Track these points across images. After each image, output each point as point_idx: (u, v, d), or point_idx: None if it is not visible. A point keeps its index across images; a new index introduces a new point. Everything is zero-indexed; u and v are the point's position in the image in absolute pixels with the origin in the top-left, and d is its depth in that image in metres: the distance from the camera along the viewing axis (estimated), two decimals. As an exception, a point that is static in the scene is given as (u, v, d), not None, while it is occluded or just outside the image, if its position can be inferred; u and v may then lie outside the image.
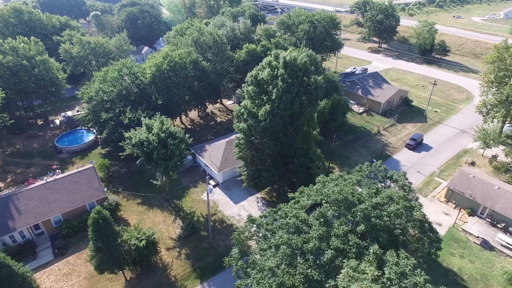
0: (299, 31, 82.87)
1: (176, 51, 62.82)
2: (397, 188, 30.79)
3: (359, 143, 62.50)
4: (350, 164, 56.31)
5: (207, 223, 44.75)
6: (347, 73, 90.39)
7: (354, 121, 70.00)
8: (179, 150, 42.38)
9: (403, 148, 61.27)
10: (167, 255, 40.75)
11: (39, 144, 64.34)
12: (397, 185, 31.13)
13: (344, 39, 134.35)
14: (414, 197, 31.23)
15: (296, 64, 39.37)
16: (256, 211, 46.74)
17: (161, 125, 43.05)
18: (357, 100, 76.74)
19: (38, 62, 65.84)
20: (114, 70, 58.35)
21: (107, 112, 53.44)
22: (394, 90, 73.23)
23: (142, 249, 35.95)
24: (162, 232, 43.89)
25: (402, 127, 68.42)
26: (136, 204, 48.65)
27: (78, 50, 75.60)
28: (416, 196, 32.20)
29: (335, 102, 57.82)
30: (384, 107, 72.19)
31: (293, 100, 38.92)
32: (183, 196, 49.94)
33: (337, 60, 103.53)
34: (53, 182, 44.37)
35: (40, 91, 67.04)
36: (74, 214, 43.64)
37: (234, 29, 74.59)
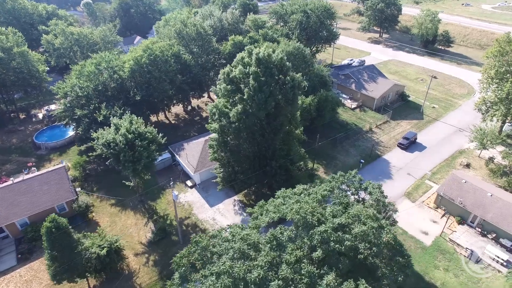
0: (291, 21, 78.86)
1: (157, 43, 59.81)
2: (371, 202, 28.05)
3: (348, 141, 59.45)
4: (337, 165, 53.52)
5: (178, 228, 42.73)
6: (342, 66, 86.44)
7: (346, 117, 66.73)
8: (148, 152, 40.03)
9: (395, 147, 58.09)
10: (135, 261, 38.92)
11: (19, 140, 62.59)
12: (371, 198, 28.39)
13: (344, 28, 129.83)
14: (388, 214, 28.47)
15: (271, 61, 36.29)
16: (232, 215, 44.52)
17: (130, 125, 40.60)
18: (350, 94, 73.21)
19: (16, 54, 63.50)
20: (91, 63, 55.74)
21: (81, 109, 51.10)
22: (389, 84, 69.50)
23: (103, 257, 34.12)
24: (133, 236, 42.01)
25: (396, 125, 64.99)
26: (110, 205, 46.75)
27: (61, 41, 72.91)
28: (390, 213, 29.39)
29: (322, 98, 54.60)
30: (378, 103, 68.66)
31: (267, 100, 36.01)
32: (158, 197, 47.89)
33: (334, 51, 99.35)
34: (19, 183, 42.51)
35: (19, 84, 64.97)
36: (42, 217, 41.56)
37: (222, 19, 71.03)
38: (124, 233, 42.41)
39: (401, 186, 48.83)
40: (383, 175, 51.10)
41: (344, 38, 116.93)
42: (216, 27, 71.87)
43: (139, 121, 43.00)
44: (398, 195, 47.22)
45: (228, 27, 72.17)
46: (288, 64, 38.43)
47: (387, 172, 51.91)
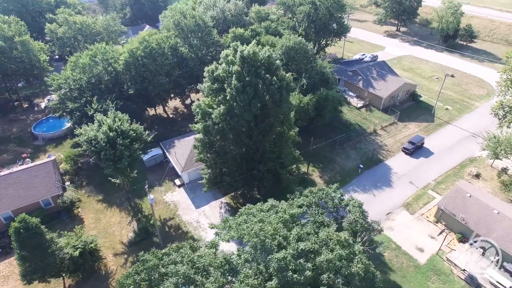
0: (299, 13, 74.96)
1: (154, 35, 58.00)
2: (347, 223, 25.41)
3: (350, 143, 56.24)
4: (334, 169, 50.71)
5: (161, 228, 41.63)
6: (352, 61, 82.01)
7: (350, 117, 63.24)
8: (130, 151, 38.67)
9: (399, 152, 54.45)
10: (113, 262, 38.18)
11: (19, 129, 63.09)
12: (348, 219, 25.73)
13: (360, 20, 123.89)
14: (366, 238, 25.75)
15: (257, 59, 33.71)
16: (217, 218, 42.91)
17: (113, 122, 39.29)
18: (357, 92, 69.36)
19: (17, 43, 63.44)
20: (87, 55, 54.72)
21: (73, 102, 50.37)
22: (399, 83, 65.12)
23: (76, 258, 33.40)
24: (114, 235, 41.26)
25: (403, 127, 60.98)
26: (97, 201, 46.20)
27: (64, 30, 72.38)
28: (370, 237, 26.56)
29: (321, 97, 51.45)
30: (386, 102, 64.61)
31: (251, 101, 33.61)
32: (145, 194, 46.76)
33: (345, 45, 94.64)
34: (6, 176, 42.41)
35: (20, 74, 65.13)
36: (26, 211, 41.29)
37: (225, 10, 68.26)
38: (107, 231, 41.75)
39: (400, 196, 45.63)
40: (382, 182, 47.95)
41: (359, 31, 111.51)
42: (218, 19, 69.28)
43: (124, 118, 41.65)
44: (396, 205, 44.15)
45: (231, 18, 69.38)
46: (277, 63, 35.73)
47: (387, 179, 48.67)
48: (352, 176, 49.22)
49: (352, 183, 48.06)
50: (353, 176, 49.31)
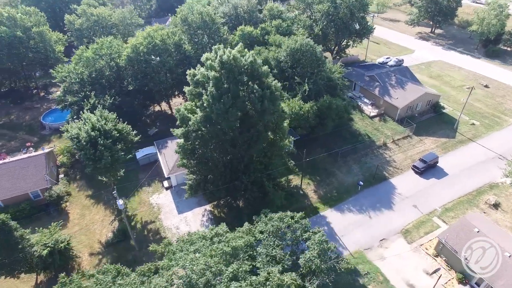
0: (316, 11, 70.54)
1: (159, 31, 56.96)
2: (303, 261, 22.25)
3: (354, 156, 52.04)
4: (331, 184, 47.11)
5: (140, 231, 40.81)
6: (372, 65, 76.21)
7: (360, 126, 58.64)
8: (111, 152, 37.87)
9: (409, 170, 49.49)
10: (87, 262, 37.95)
11: (31, 117, 65.31)
12: (304, 257, 22.55)
13: (392, 20, 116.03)
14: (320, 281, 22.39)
15: (238, 65, 31.14)
16: (198, 226, 41.31)
17: (97, 121, 38.68)
18: (372, 100, 64.27)
19: (34, 34, 65.41)
20: (92, 48, 54.95)
21: (73, 95, 50.78)
22: (419, 92, 59.25)
23: (45, 256, 33.30)
24: (95, 233, 41.06)
25: (418, 141, 55.46)
26: (85, 196, 46.38)
27: (82, 22, 73.69)
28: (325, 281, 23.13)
29: (324, 105, 47.71)
30: (402, 113, 59.14)
31: (228, 110, 31.21)
32: (133, 194, 46.24)
33: (370, 46, 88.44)
34: (0, 165, 43.58)
35: (36, 63, 67.27)
36: (15, 201, 42.65)
37: (237, 7, 65.71)
38: (88, 229, 41.68)
39: (400, 220, 41.29)
40: (382, 203, 43.71)
41: (388, 32, 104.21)
42: (231, 15, 66.95)
43: (110, 117, 40.98)
44: (392, 231, 39.97)
45: (244, 15, 66.72)
46: (263, 69, 32.88)
47: (388, 199, 44.31)
48: (350, 194, 45.37)
49: (348, 201, 44.30)
50: (351, 193, 45.45)
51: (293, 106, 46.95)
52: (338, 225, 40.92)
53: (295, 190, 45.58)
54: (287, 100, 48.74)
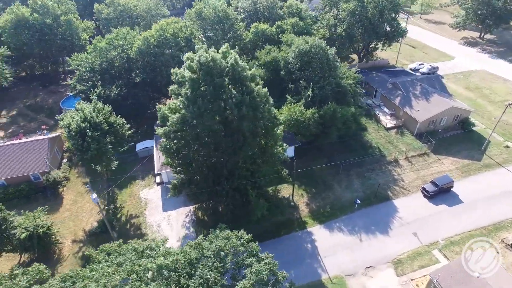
0: (341, 10, 66.02)
1: (173, 24, 56.72)
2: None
3: (359, 169, 48.13)
4: (327, 198, 43.98)
5: (124, 224, 41.09)
6: (399, 71, 70.19)
7: (372, 138, 54.18)
8: (99, 144, 38.23)
9: (417, 192, 44.70)
10: (68, 248, 38.98)
11: (53, 101, 68.87)
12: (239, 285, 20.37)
13: (436, 22, 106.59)
14: None
15: (217, 67, 29.38)
16: (179, 226, 40.70)
17: (90, 113, 39.23)
18: (392, 109, 59.11)
19: (63, 22, 68.57)
20: (107, 39, 56.20)
21: (82, 84, 52.36)
22: (444, 106, 53.17)
23: (24, 240, 34.60)
24: (82, 221, 42.08)
25: (436, 161, 49.91)
26: (83, 183, 47.73)
27: (109, 11, 75.99)
28: None
29: (327, 113, 44.34)
30: (422, 127, 53.61)
31: (202, 114, 29.70)
32: (126, 186, 46.76)
33: (404, 50, 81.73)
34: (6, 146, 46.18)
35: (63, 49, 70.61)
36: (17, 182, 44.99)
37: (256, 2, 63.47)
38: (77, 216, 42.82)
39: (393, 248, 37.35)
40: (378, 226, 39.88)
41: (429, 35, 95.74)
42: (249, 11, 64.94)
43: (105, 109, 41.41)
44: (382, 259, 36.23)
45: (263, 11, 64.34)
46: (248, 73, 30.78)
47: (385, 223, 40.31)
48: (345, 211, 41.97)
49: (341, 219, 41.01)
50: (346, 211, 42.04)
51: (293, 111, 44.27)
52: (324, 244, 37.99)
53: (285, 201, 43.15)
54: (288, 104, 46.16)
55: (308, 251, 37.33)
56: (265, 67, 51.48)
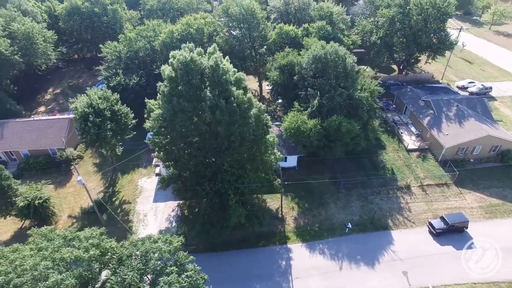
0: (380, 16, 60.81)
1: (200, 19, 57.55)
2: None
3: (363, 191, 44.32)
4: (319, 215, 41.37)
5: (115, 208, 43.09)
6: (440, 87, 62.69)
7: (389, 158, 49.45)
8: (99, 130, 40.36)
9: (423, 226, 39.72)
10: (63, 222, 42.05)
11: (93, 83, 74.46)
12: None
13: (505, 35, 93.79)
14: None
15: (196, 68, 28.87)
16: (163, 220, 41.51)
17: (96, 99, 41.64)
18: (420, 130, 53.27)
19: (109, 11, 73.77)
20: (138, 30, 59.15)
21: (107, 71, 55.82)
22: (480, 133, 46.24)
23: (22, 208, 38.12)
24: (81, 199, 44.97)
25: (456, 194, 43.78)
26: (92, 164, 51.10)
27: (153, 3, 79.78)
28: None
29: (332, 126, 41.26)
30: (448, 154, 47.41)
31: (177, 113, 29.52)
32: (128, 172, 48.95)
33: (456, 64, 73.04)
34: (33, 121, 51.28)
35: (107, 37, 75.99)
36: (38, 154, 49.76)
37: (288, 3, 61.42)
38: (78, 193, 45.93)
39: (374, 284, 33.70)
40: (364, 256, 36.29)
41: (494, 49, 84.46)
42: (281, 11, 63.15)
43: (112, 97, 43.56)
44: (358, 294, 32.90)
45: (295, 13, 62.09)
46: (228, 76, 29.75)
47: (375, 254, 36.50)
48: (333, 233, 38.97)
49: (326, 241, 38.16)
50: (334, 233, 39.01)
51: (295, 120, 42.10)
52: (300, 264, 35.72)
53: (272, 212, 41.43)
54: (292, 112, 44.05)
55: (281, 269, 35.42)
56: (280, 70, 49.70)
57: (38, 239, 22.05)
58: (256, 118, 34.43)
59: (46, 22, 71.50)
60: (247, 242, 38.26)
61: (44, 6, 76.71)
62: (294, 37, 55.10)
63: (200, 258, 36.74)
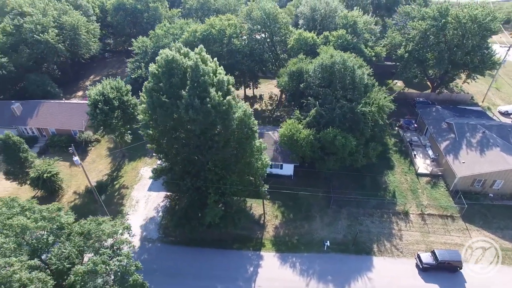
0: (411, 28, 56.72)
1: (225, 21, 59.18)
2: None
3: (355, 210, 42.00)
4: (301, 227, 40.28)
5: (113, 190, 46.27)
6: (475, 111, 56.51)
7: (394, 180, 46.17)
8: (106, 117, 43.72)
9: (411, 258, 36.46)
10: (68, 197, 46.20)
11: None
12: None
13: None
14: None
15: (177, 66, 30.00)
16: (151, 208, 43.67)
17: (109, 88, 45.18)
18: (436, 154, 48.87)
19: (150, 8, 79.14)
20: (166, 27, 62.72)
21: (133, 64, 60.02)
22: (501, 165, 41.03)
23: (33, 179, 42.86)
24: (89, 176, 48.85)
25: (461, 229, 39.38)
26: (106, 148, 55.28)
27: (192, 3, 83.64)
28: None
29: (326, 138, 39.75)
30: (461, 184, 42.85)
31: (155, 108, 30.99)
32: (134, 160, 52.14)
33: (503, 86, 65.55)
34: (63, 103, 57.19)
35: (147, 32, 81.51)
36: (62, 133, 55.37)
37: (315, 9, 60.31)
38: (89, 172, 49.77)
39: None
40: (336, 279, 34.45)
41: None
42: (307, 17, 62.25)
43: (124, 88, 46.85)
44: (318, 316, 31.42)
45: (321, 20, 60.73)
46: (206, 78, 30.34)
47: (348, 279, 34.40)
48: (310, 249, 37.57)
49: (301, 255, 36.94)
50: (312, 249, 37.60)
51: (290, 128, 41.42)
52: (266, 273, 35.15)
53: (255, 217, 41.22)
54: (290, 119, 43.40)
55: (247, 274, 35.19)
56: (290, 76, 49.18)
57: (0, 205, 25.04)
58: (240, 121, 34.71)
59: (96, 16, 78.98)
60: (223, 242, 38.61)
61: (98, 1, 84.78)
62: (312, 45, 53.98)
63: (175, 250, 38.67)
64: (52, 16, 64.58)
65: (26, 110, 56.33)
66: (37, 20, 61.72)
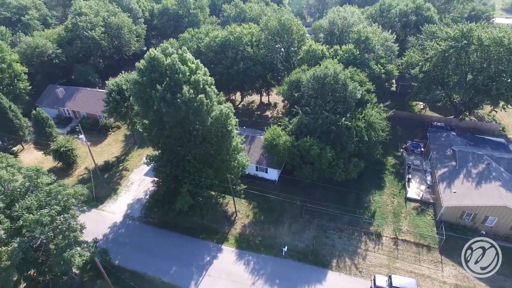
0: (428, 48, 54.03)
1: (246, 29, 62.75)
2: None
3: (326, 223, 41.65)
4: (267, 230, 41.58)
5: (116, 170, 51.93)
6: (497, 143, 51.39)
7: (378, 201, 44.59)
8: (115, 104, 49.72)
9: (368, 280, 35.24)
10: (79, 171, 53.02)
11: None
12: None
13: None
14: None
15: (159, 64, 33.89)
16: (141, 191, 48.30)
17: (121, 81, 51.37)
18: (433, 180, 46.00)
19: (191, 14, 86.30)
20: (193, 31, 68.33)
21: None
22: (495, 201, 37.48)
23: (53, 151, 50.40)
24: (101, 157, 55.28)
25: (434, 262, 36.72)
26: (123, 134, 61.84)
27: (230, 12, 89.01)
28: None
29: (303, 147, 40.36)
30: (448, 215, 39.96)
31: (137, 99, 35.25)
32: (143, 147, 57.59)
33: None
34: (95, 91, 65.38)
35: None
36: (90, 117, 63.56)
37: (333, 23, 60.84)
38: (101, 153, 56.68)
39: None
40: (281, 283, 34.95)
41: None
42: (326, 30, 62.96)
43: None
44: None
45: (339, 34, 61.03)
46: (180, 76, 33.67)
47: (293, 286, 34.60)
48: (269, 252, 38.42)
49: (258, 255, 38.04)
50: (271, 252, 38.41)
51: (272, 133, 42.94)
52: (219, 264, 37.04)
53: (227, 213, 43.24)
54: (273, 125, 44.88)
55: (202, 262, 37.40)
56: (288, 85, 50.63)
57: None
58: (215, 120, 37.46)
59: (145, 19, 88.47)
60: (192, 230, 41.37)
61: (149, 5, 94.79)
62: (321, 57, 54.65)
63: (149, 230, 42.52)
64: (102, 17, 74.37)
65: (67, 94, 65.76)
66: (89, 19, 71.77)
